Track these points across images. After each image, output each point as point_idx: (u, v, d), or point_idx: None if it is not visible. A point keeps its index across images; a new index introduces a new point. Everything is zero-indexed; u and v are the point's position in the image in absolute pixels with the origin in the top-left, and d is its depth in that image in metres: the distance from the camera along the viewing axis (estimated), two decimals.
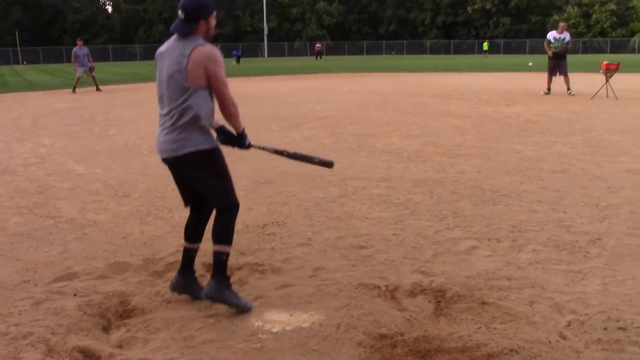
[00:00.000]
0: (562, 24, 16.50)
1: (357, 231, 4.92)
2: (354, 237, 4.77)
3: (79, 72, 20.59)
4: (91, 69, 20.79)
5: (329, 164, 3.92)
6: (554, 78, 16.35)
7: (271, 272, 4.08)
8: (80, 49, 20.48)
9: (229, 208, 3.43)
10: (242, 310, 3.41)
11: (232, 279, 3.94)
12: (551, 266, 4.09)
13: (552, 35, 16.30)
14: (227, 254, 3.45)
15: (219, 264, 3.42)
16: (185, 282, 3.65)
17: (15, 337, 3.15)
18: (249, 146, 3.54)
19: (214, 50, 3.22)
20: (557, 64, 16.18)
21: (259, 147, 3.72)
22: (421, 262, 4.20)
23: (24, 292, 3.80)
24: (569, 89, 16.07)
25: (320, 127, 10.95)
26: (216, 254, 3.42)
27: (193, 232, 3.64)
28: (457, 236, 4.75)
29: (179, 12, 3.24)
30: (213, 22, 3.32)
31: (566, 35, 16.23)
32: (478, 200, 5.80)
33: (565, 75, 16.15)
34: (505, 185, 6.35)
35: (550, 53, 16.19)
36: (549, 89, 16.48)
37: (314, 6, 79.72)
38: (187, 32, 3.23)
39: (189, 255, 3.66)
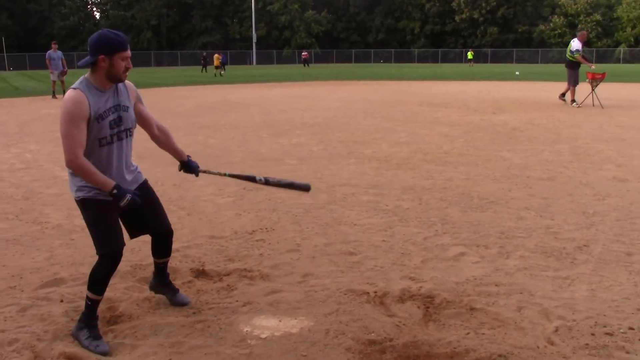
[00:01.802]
0: (584, 32, 16.10)
1: (345, 237, 4.92)
2: (342, 243, 4.77)
3: (54, 75, 19.88)
4: (63, 74, 19.95)
5: (305, 188, 3.59)
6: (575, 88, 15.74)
7: (260, 278, 4.07)
8: (54, 52, 19.75)
9: (100, 256, 3.20)
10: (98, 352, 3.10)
11: (221, 285, 3.95)
12: (539, 272, 4.11)
13: (579, 45, 15.32)
14: (93, 300, 3.21)
15: (85, 307, 3.25)
16: (156, 284, 3.71)
17: (0, 344, 3.12)
18: (127, 202, 3.03)
19: (67, 99, 2.97)
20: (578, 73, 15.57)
21: (227, 175, 3.58)
22: (410, 268, 4.21)
23: (10, 298, 3.76)
24: (570, 99, 15.70)
25: (308, 134, 10.96)
26: (86, 296, 3.26)
27: (154, 250, 3.58)
28: (445, 242, 4.77)
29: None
30: (119, 62, 3.03)
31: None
32: (466, 207, 5.83)
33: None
34: (493, 192, 6.38)
35: (591, 66, 15.49)
36: (574, 100, 15.65)
37: (302, 14, 79.99)
38: (86, 64, 3.03)
39: (157, 267, 3.67)
